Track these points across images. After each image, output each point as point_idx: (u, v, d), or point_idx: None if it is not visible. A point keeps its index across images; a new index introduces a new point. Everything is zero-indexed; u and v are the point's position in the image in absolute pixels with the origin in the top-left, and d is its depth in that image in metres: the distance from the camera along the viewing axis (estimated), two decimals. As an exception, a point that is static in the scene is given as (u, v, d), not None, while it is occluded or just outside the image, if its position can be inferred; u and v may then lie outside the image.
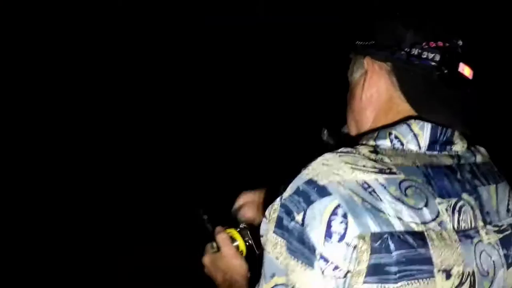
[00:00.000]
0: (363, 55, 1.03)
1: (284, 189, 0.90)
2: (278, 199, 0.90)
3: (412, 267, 0.85)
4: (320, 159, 0.90)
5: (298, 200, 0.87)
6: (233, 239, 1.21)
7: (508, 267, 0.98)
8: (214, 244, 1.21)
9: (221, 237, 1.19)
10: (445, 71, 0.96)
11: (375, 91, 1.01)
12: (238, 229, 1.24)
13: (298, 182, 0.89)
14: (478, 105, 1.02)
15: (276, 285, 0.88)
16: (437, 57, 0.96)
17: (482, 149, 1.07)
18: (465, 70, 0.98)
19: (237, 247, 1.20)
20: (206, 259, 1.19)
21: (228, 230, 1.23)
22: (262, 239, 0.92)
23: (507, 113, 4.60)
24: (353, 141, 1.00)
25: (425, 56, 0.97)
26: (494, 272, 0.96)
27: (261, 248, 1.14)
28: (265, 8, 6.52)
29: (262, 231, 0.92)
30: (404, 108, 0.99)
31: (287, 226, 0.86)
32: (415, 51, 0.97)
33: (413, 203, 0.88)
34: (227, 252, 1.17)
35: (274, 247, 0.88)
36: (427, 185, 0.92)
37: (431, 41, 0.97)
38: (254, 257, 1.20)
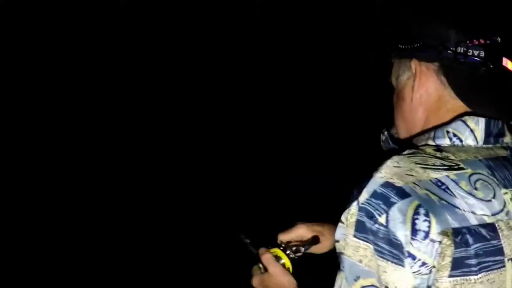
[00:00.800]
0: (409, 58, 1.07)
1: (358, 193, 0.93)
2: (355, 203, 0.93)
3: (488, 259, 0.91)
4: (390, 162, 0.95)
5: (377, 203, 0.91)
6: (278, 258, 1.25)
7: None
8: (261, 265, 1.24)
9: (266, 257, 1.22)
10: (491, 66, 1.01)
11: (425, 91, 1.05)
12: (281, 247, 1.27)
13: (373, 185, 0.92)
14: None
15: (362, 287, 0.92)
16: (482, 54, 1.01)
17: None
18: (509, 64, 1.03)
19: (283, 264, 1.24)
20: (256, 281, 1.23)
21: (272, 250, 1.26)
22: (339, 244, 0.95)
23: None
24: (406, 143, 1.06)
25: (470, 54, 1.01)
26: None
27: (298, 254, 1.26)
28: (264, 8, 6.52)
29: (338, 236, 0.95)
30: (454, 105, 1.03)
31: (371, 229, 0.91)
32: (460, 50, 1.01)
33: (482, 196, 0.94)
34: (274, 270, 1.20)
35: (356, 250, 0.92)
36: (492, 177, 0.97)
37: (474, 39, 1.02)
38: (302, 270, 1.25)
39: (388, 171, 0.93)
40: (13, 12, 5.98)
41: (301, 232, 1.32)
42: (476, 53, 1.01)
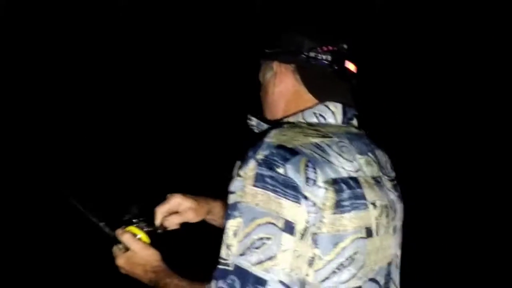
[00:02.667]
0: (272, 60, 1.35)
1: (254, 154, 1.13)
2: (252, 161, 1.13)
3: (356, 201, 1.19)
4: (275, 133, 1.19)
5: (275, 159, 1.12)
6: (135, 235, 1.35)
7: (401, 203, 1.36)
8: (121, 246, 1.34)
9: (125, 236, 1.34)
10: (336, 68, 1.30)
11: (284, 87, 1.34)
12: (136, 225, 1.38)
13: (268, 148, 1.14)
14: (361, 92, 1.35)
15: (258, 225, 1.11)
16: (329, 58, 1.30)
17: None
18: (350, 66, 1.33)
19: (140, 239, 1.35)
20: (120, 261, 1.34)
21: (127, 229, 1.36)
22: (234, 195, 1.13)
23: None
24: (279, 123, 1.31)
25: (320, 58, 1.30)
26: (395, 206, 1.32)
27: (161, 228, 1.40)
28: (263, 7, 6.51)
29: (234, 188, 1.14)
30: (308, 97, 1.32)
31: (271, 177, 1.11)
32: (312, 54, 1.30)
33: (347, 157, 1.23)
34: (136, 247, 1.33)
35: (254, 197, 1.11)
36: (351, 146, 1.26)
37: (323, 46, 1.30)
38: (159, 240, 1.38)
39: (278, 138, 1.16)
40: (13, 11, 6.06)
41: (177, 201, 1.47)
42: (324, 57, 1.30)
